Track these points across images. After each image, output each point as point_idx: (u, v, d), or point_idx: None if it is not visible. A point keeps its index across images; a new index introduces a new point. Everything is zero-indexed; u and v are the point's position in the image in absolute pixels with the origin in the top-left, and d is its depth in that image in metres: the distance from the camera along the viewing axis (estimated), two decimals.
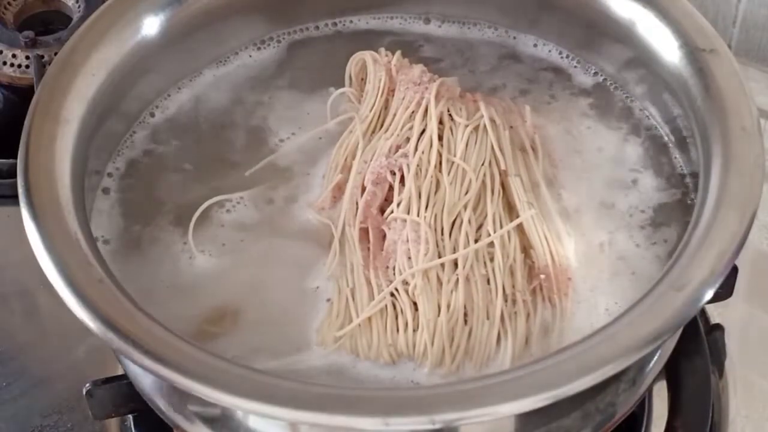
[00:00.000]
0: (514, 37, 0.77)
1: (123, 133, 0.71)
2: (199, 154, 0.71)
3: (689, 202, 0.67)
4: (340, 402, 0.52)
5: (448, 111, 0.69)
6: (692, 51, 0.66)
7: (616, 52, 0.73)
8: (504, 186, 0.67)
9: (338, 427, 0.53)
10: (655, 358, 0.62)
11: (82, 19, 0.85)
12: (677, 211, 0.67)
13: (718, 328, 0.73)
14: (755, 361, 0.72)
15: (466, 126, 0.68)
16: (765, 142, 0.61)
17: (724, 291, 0.65)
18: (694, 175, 0.66)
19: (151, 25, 0.71)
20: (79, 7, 0.90)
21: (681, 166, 0.69)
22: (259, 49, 0.77)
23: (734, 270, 0.63)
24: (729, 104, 0.63)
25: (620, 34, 0.71)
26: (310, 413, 0.51)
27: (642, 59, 0.70)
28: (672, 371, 0.67)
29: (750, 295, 0.75)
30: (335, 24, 0.78)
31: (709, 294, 0.55)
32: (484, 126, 0.68)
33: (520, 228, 0.65)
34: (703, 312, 0.73)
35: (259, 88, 0.75)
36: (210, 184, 0.69)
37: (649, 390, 0.65)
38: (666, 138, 0.71)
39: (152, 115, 0.73)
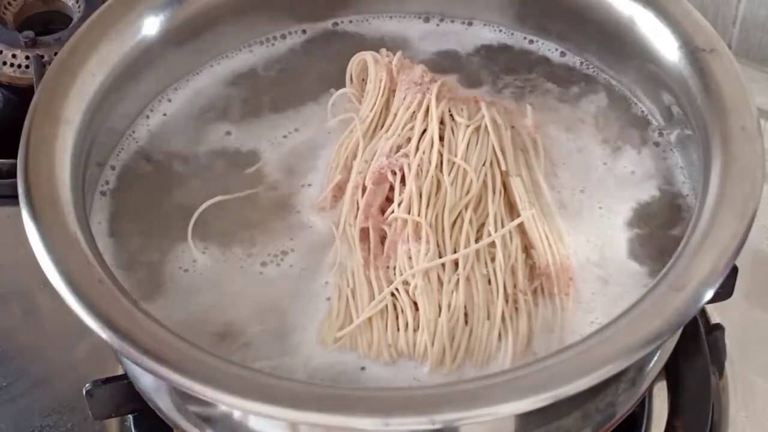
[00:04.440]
0: (514, 35, 0.77)
1: (123, 133, 0.71)
2: (198, 154, 0.71)
3: (690, 202, 0.67)
4: (340, 402, 0.52)
5: (449, 111, 0.69)
6: (692, 51, 0.66)
7: (617, 52, 0.73)
8: (505, 186, 0.67)
9: (338, 427, 0.53)
10: (655, 358, 0.62)
11: (82, 19, 0.85)
12: (678, 211, 0.67)
13: (718, 328, 0.73)
14: (755, 361, 0.72)
15: (467, 126, 0.68)
16: (765, 142, 0.61)
17: (724, 291, 0.65)
18: (695, 175, 0.66)
19: (151, 26, 0.71)
20: (79, 7, 0.90)
21: (681, 166, 0.69)
22: (259, 48, 0.77)
23: (734, 270, 0.63)
24: (729, 104, 0.63)
25: (620, 33, 0.71)
26: (310, 413, 0.51)
27: (642, 59, 0.70)
28: (672, 371, 0.67)
29: (750, 295, 0.75)
30: (336, 24, 0.78)
31: (709, 294, 0.55)
32: (486, 126, 0.68)
33: (521, 228, 0.65)
34: (703, 312, 0.73)
35: (259, 88, 0.75)
36: (209, 184, 0.69)
37: (649, 390, 0.65)
38: (667, 138, 0.70)
39: (151, 115, 0.73)
